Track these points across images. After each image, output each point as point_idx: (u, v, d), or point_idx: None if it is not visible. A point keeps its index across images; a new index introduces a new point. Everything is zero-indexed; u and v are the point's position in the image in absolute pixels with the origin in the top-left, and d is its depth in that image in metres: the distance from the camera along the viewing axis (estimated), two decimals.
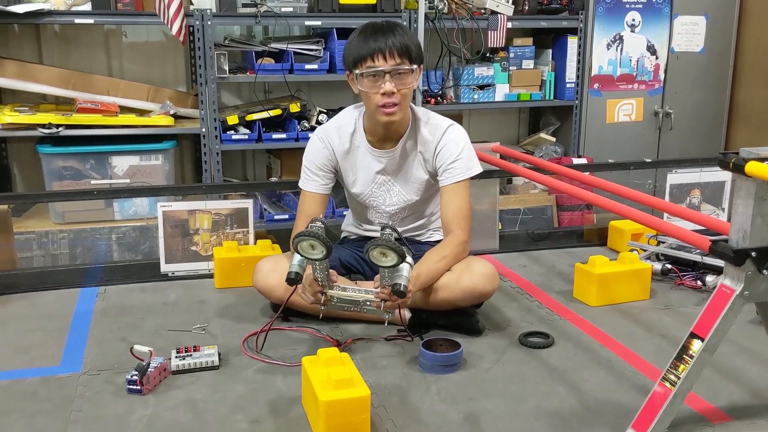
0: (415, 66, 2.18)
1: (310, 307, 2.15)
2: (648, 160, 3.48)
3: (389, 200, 2.41)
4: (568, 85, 4.26)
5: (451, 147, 2.31)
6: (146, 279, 2.75)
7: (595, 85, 4.28)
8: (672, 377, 1.64)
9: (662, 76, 4.40)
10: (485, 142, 3.40)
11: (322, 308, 2.11)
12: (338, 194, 3.67)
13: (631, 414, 1.71)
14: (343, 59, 2.30)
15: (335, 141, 2.37)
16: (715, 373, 2.00)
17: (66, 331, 2.28)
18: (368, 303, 2.09)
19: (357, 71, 2.17)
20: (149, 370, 1.89)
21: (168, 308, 2.48)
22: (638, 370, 2.04)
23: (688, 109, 4.48)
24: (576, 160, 3.98)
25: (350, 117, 2.37)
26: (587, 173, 2.77)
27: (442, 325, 2.27)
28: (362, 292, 2.11)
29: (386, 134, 2.32)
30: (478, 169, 2.35)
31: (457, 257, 2.25)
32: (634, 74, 4.34)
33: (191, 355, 2.03)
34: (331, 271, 2.09)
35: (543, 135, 4.38)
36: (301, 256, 2.01)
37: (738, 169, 1.56)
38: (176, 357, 2.01)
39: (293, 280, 2.02)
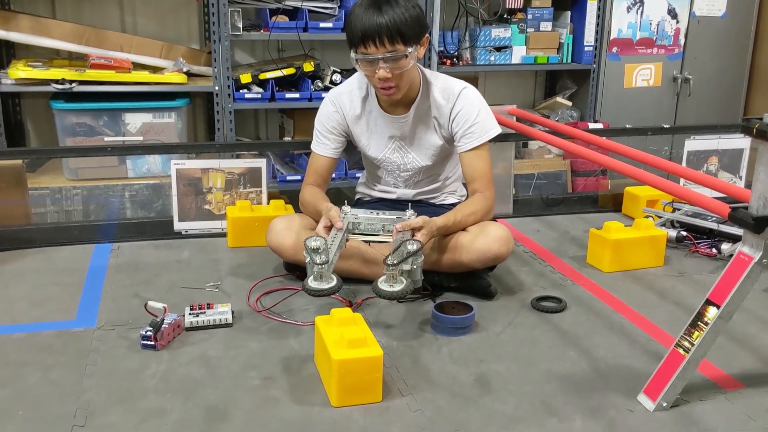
0: (410, 49, 2.11)
1: None
2: (666, 126, 3.44)
3: (403, 165, 2.40)
4: (586, 49, 4.19)
5: (466, 111, 2.28)
6: (159, 236, 2.76)
7: (614, 49, 4.21)
8: (686, 344, 1.64)
9: (682, 41, 4.32)
10: (500, 105, 3.36)
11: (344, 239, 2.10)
12: (352, 157, 3.66)
13: (643, 380, 1.72)
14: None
15: (346, 105, 2.35)
16: (728, 340, 1.99)
17: (80, 286, 2.30)
18: (388, 227, 2.10)
19: (353, 54, 2.14)
20: (163, 326, 1.90)
21: (181, 266, 2.49)
22: (651, 336, 2.04)
23: (708, 75, 4.41)
24: (592, 125, 3.93)
25: (362, 81, 2.35)
26: (604, 138, 2.75)
27: (454, 288, 2.27)
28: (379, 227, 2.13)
29: (395, 101, 2.29)
30: (497, 129, 2.33)
31: (485, 217, 2.25)
32: (654, 38, 4.27)
33: (205, 312, 2.04)
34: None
35: (559, 99, 4.33)
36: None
37: (762, 135, 1.53)
38: (190, 314, 2.03)
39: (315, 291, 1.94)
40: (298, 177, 3.69)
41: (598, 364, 1.88)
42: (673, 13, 4.26)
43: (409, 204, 2.22)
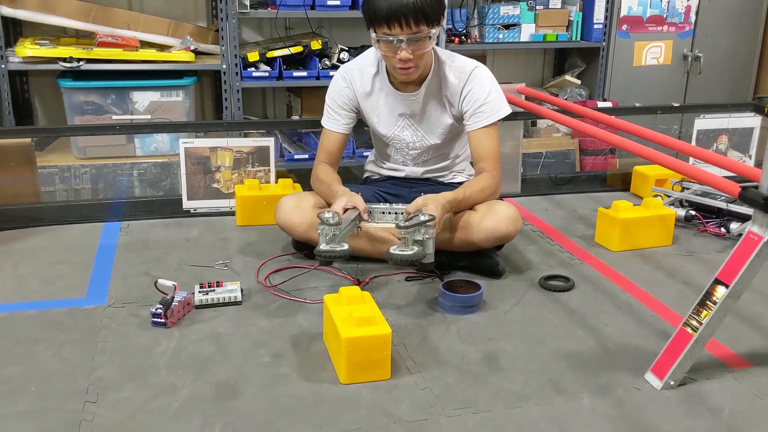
0: (433, 30, 2.10)
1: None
2: (675, 105, 3.41)
3: (413, 144, 2.39)
4: (595, 26, 4.15)
5: (477, 90, 2.27)
6: (168, 215, 2.78)
7: (624, 27, 4.17)
8: (694, 323, 1.64)
9: (693, 19, 4.28)
10: (509, 83, 3.34)
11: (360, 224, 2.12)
12: (360, 136, 3.65)
13: (651, 358, 1.72)
14: (362, 11, 2.20)
15: (357, 81, 2.34)
16: (736, 319, 2.00)
17: (90, 264, 2.31)
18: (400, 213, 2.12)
19: (373, 34, 2.12)
20: (173, 303, 1.92)
21: (190, 244, 2.51)
22: (659, 315, 2.04)
23: (719, 53, 4.37)
24: (601, 104, 3.91)
25: (373, 58, 2.34)
26: (613, 116, 2.73)
27: (462, 267, 2.28)
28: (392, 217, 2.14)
29: (406, 81, 2.28)
30: (507, 110, 2.32)
31: (492, 195, 2.26)
32: (665, 16, 4.22)
33: (214, 290, 2.05)
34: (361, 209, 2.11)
35: (568, 77, 4.31)
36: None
37: None
38: (200, 292, 2.04)
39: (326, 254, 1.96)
40: (306, 156, 3.69)
41: (605, 342, 1.88)
42: None
43: (421, 192, 2.19)
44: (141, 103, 3.49)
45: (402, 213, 2.12)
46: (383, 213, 2.16)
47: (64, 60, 3.34)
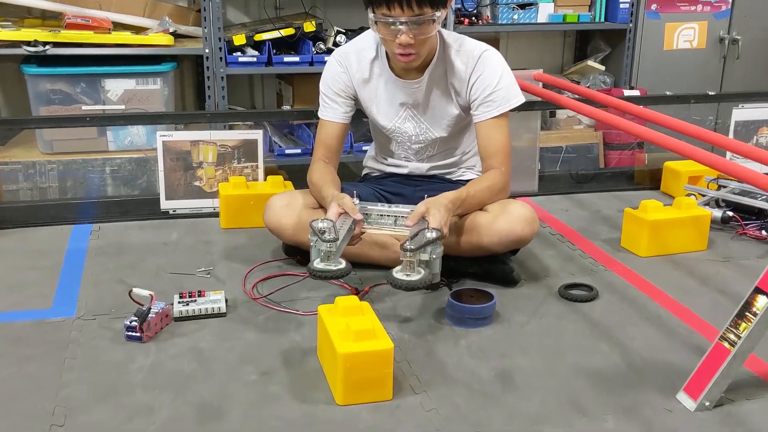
0: (438, 13, 2.09)
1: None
2: (711, 93, 3.41)
3: (415, 137, 2.40)
4: (621, 6, 4.15)
5: (487, 76, 2.27)
6: (145, 216, 2.78)
7: (653, 6, 4.17)
8: (731, 336, 1.64)
9: None
10: (524, 70, 3.35)
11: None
12: (358, 128, 3.66)
13: (683, 376, 1.72)
14: None
15: (353, 66, 2.35)
16: None
17: (57, 271, 2.32)
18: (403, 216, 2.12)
19: (371, 14, 2.12)
20: (150, 315, 1.92)
21: (169, 249, 2.51)
22: (692, 327, 2.04)
23: (759, 36, 4.36)
24: (627, 92, 3.91)
25: (372, 41, 2.34)
26: (641, 106, 2.74)
27: (472, 274, 2.28)
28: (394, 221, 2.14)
29: (408, 69, 2.29)
30: (520, 98, 2.32)
31: (500, 194, 2.26)
32: None
33: (196, 300, 2.06)
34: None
35: (591, 63, 4.30)
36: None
37: None
38: (179, 302, 2.04)
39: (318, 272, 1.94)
40: (299, 150, 3.69)
41: (632, 358, 1.88)
42: None
43: (425, 192, 2.19)
44: (114, 91, 3.49)
45: (403, 216, 2.11)
46: (382, 216, 2.16)
47: (29, 44, 3.34)
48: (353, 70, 2.35)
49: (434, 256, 1.92)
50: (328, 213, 2.05)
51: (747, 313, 1.63)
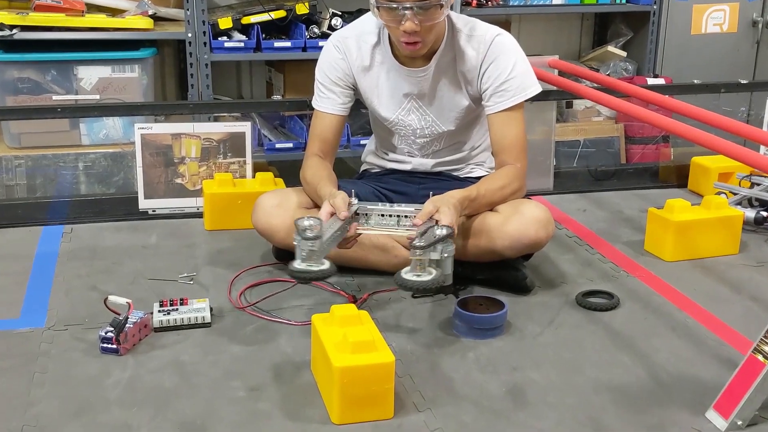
0: None
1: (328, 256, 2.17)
2: (743, 82, 3.41)
3: (420, 130, 2.40)
4: None
5: (500, 63, 2.27)
6: (121, 217, 2.78)
7: None
8: (766, 348, 1.64)
9: None
10: (539, 56, 3.35)
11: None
12: (356, 120, 3.65)
13: (713, 392, 1.72)
14: None
15: (353, 53, 2.35)
16: None
17: (26, 276, 2.32)
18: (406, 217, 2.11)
19: (373, 0, 2.13)
20: (127, 325, 1.91)
21: (149, 252, 2.51)
22: (723, 338, 2.04)
23: None
24: (651, 81, 3.91)
25: (373, 24, 2.34)
26: (666, 96, 2.74)
27: (482, 280, 2.28)
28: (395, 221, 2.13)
29: (413, 57, 2.28)
30: (536, 88, 2.32)
31: (515, 194, 2.26)
32: None
33: (177, 309, 2.06)
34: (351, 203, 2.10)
35: (611, 48, 4.30)
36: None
37: None
38: (159, 311, 2.04)
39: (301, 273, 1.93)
40: (291, 144, 3.69)
41: (657, 372, 1.88)
42: None
43: (430, 190, 2.19)
44: (88, 80, 3.49)
45: (406, 216, 2.11)
46: (382, 216, 2.15)
47: None
48: (353, 56, 2.35)
49: (446, 255, 1.91)
50: (320, 212, 2.05)
51: None
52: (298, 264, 1.91)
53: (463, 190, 2.14)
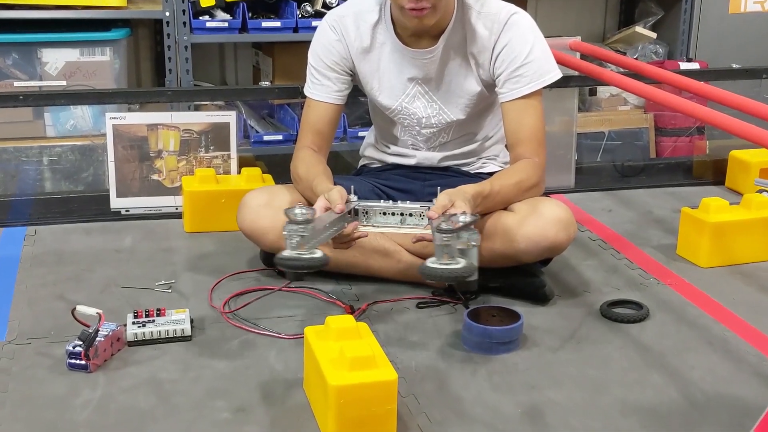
0: None
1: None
2: None
3: (426, 120, 2.40)
4: None
5: (516, 45, 2.27)
6: (91, 217, 2.79)
7: None
8: None
9: None
10: (558, 37, 3.35)
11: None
12: (353, 109, 3.66)
13: (754, 414, 1.72)
14: None
15: (351, 33, 2.35)
16: None
17: None
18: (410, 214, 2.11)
19: None
20: (97, 339, 1.91)
21: (122, 257, 2.51)
22: (765, 354, 2.04)
23: None
24: (684, 65, 3.91)
25: (373, 2, 2.34)
26: (701, 82, 2.74)
27: (495, 288, 2.28)
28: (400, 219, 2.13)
29: (423, 29, 2.28)
30: (556, 73, 2.32)
31: (533, 189, 2.26)
32: None
33: (154, 321, 2.05)
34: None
35: (639, 29, 4.30)
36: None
37: None
38: (134, 323, 2.04)
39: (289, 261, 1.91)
40: (281, 137, 3.70)
41: (691, 392, 1.88)
42: None
43: (438, 187, 2.17)
44: (53, 64, 3.49)
45: (411, 215, 2.11)
46: (384, 214, 2.15)
47: None
48: (350, 37, 2.35)
49: (473, 243, 1.89)
50: (316, 204, 2.04)
51: None
52: (286, 252, 1.90)
53: (476, 185, 2.14)
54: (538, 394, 1.86)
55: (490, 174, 2.40)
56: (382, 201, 2.20)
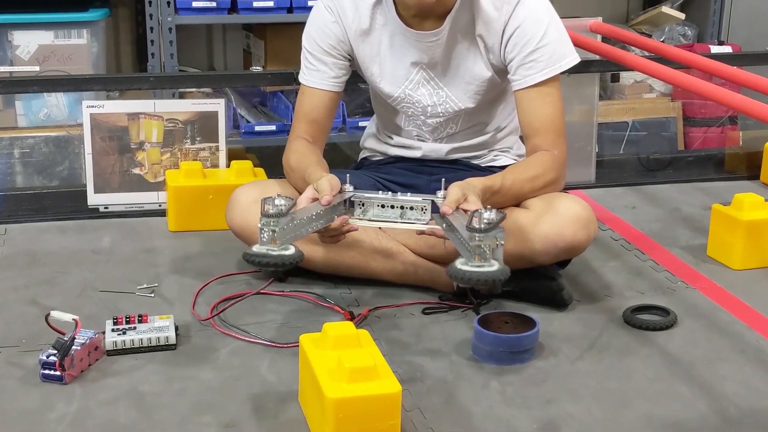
0: None
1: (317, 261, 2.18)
2: None
3: (432, 108, 2.40)
4: None
5: (528, 27, 2.27)
6: (66, 215, 2.79)
7: None
8: None
9: None
10: (577, 18, 3.35)
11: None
12: (353, 96, 3.66)
13: None
14: None
15: (349, 14, 2.35)
16: None
17: None
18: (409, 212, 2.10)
19: None
20: (73, 348, 1.91)
21: (100, 258, 2.51)
22: None
23: None
24: (715, 49, 3.91)
25: None
26: (734, 67, 2.74)
27: (507, 293, 2.28)
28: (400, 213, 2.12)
29: (426, 8, 2.28)
30: (573, 58, 2.32)
31: (550, 185, 2.26)
32: None
33: (135, 328, 2.05)
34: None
35: (666, 9, 4.31)
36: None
37: None
38: (113, 330, 2.04)
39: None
40: (273, 127, 3.71)
41: (723, 405, 1.88)
42: None
43: (443, 181, 2.14)
44: (25, 47, 3.50)
45: (412, 208, 2.10)
46: (383, 207, 2.14)
47: None
48: (348, 19, 2.35)
49: (502, 242, 1.86)
50: (301, 198, 2.03)
51: None
52: (255, 247, 1.88)
53: (485, 179, 2.14)
54: (555, 408, 1.86)
55: (503, 167, 2.40)
56: (380, 192, 2.17)
